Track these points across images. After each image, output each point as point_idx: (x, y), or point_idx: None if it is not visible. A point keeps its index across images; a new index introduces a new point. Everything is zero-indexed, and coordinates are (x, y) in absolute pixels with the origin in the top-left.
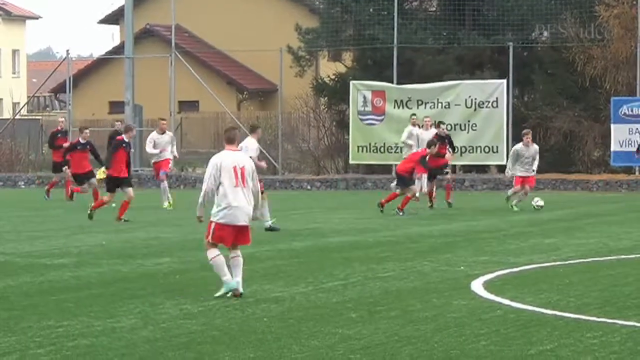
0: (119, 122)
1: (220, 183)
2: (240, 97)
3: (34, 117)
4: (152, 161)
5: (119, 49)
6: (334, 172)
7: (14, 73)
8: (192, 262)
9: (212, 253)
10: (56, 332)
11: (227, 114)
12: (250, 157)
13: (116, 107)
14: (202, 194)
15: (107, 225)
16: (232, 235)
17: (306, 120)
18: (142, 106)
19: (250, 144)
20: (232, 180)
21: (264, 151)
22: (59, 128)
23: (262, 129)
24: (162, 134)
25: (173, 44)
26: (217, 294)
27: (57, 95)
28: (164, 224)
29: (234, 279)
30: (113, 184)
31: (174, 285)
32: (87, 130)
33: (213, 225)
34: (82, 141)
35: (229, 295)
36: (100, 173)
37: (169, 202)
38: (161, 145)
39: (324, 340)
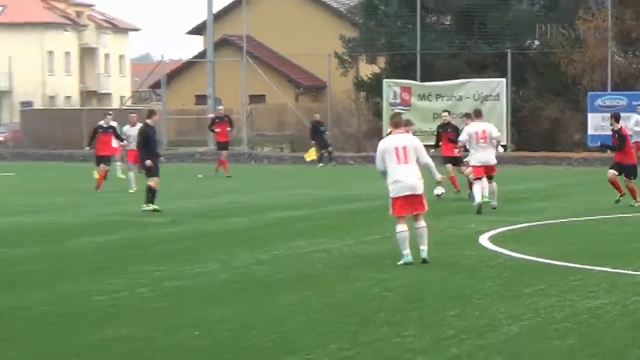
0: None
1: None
2: (297, 91)
3: (136, 107)
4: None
5: (202, 54)
6: (370, 150)
7: (120, 73)
8: (262, 221)
9: (399, 228)
10: (155, 275)
11: (287, 105)
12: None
13: (200, 99)
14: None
15: (197, 194)
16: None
17: (349, 110)
18: (220, 99)
19: None
20: (395, 158)
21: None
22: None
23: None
24: (133, 126)
25: (244, 50)
26: (399, 263)
27: (154, 90)
28: (237, 192)
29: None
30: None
31: (249, 239)
32: (110, 115)
33: (390, 200)
34: (104, 125)
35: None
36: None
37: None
38: (132, 137)
39: (365, 282)
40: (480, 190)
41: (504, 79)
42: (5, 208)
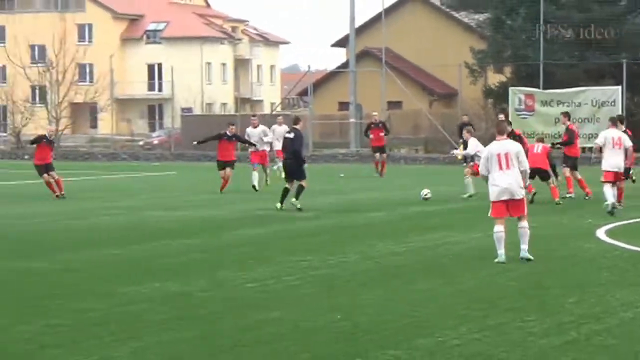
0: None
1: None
2: (431, 98)
3: (285, 113)
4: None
5: (345, 65)
6: None
7: (271, 82)
8: (398, 215)
9: (496, 228)
10: (301, 265)
11: (422, 111)
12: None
13: (343, 106)
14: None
15: (338, 191)
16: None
17: (478, 115)
18: (361, 105)
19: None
20: (497, 165)
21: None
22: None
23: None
24: (255, 128)
25: (383, 61)
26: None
27: (302, 97)
28: (375, 190)
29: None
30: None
31: (386, 232)
32: (233, 126)
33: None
34: (228, 134)
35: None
36: None
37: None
38: (255, 138)
39: (490, 271)
40: (612, 191)
41: (619, 87)
42: (170, 203)
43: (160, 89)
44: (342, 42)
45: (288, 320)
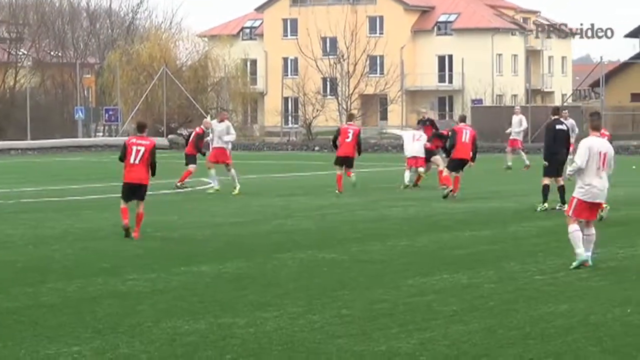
0: None
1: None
2: None
3: (576, 104)
4: None
5: (638, 56)
6: None
7: (562, 73)
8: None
9: (572, 228)
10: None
11: None
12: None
13: (635, 97)
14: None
15: (627, 184)
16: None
17: None
18: None
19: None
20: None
21: None
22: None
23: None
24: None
25: None
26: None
27: (593, 89)
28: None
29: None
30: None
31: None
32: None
33: (576, 200)
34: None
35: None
36: None
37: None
38: None
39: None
40: None
41: None
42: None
43: (450, 81)
44: (635, 33)
45: (577, 313)
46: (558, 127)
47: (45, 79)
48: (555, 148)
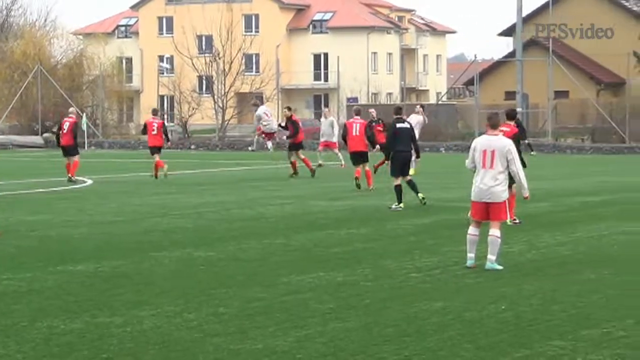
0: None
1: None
2: (598, 87)
3: (450, 102)
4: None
5: (511, 54)
6: None
7: (437, 72)
8: (563, 205)
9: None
10: (465, 255)
11: (589, 100)
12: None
13: (509, 95)
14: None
15: None
16: None
17: None
18: (527, 94)
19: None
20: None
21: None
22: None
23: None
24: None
25: (550, 51)
26: None
27: (468, 87)
28: (541, 179)
29: None
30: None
31: (551, 222)
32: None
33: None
34: None
35: None
36: None
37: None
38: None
39: None
40: None
41: None
42: (333, 193)
43: (326, 79)
44: (508, 31)
45: (452, 310)
46: (399, 125)
47: None
48: (397, 146)
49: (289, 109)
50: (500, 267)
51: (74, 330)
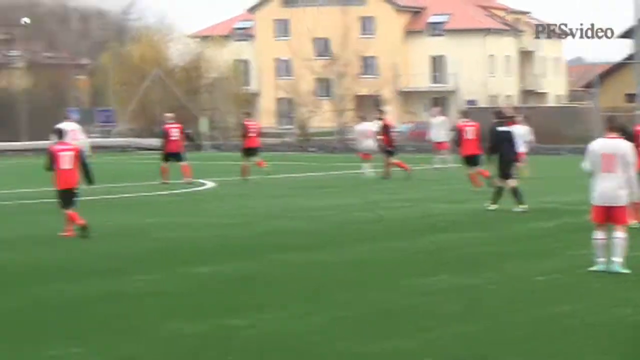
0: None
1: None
2: None
3: (571, 105)
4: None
5: (631, 56)
6: None
7: (555, 74)
8: None
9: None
10: (590, 258)
11: None
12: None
13: (630, 97)
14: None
15: None
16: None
17: None
18: None
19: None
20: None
21: None
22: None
23: None
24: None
25: None
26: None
27: (587, 90)
28: None
29: None
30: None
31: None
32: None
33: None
34: None
35: None
36: None
37: None
38: None
39: None
40: None
41: None
42: (454, 196)
43: (444, 82)
44: (628, 34)
45: (578, 314)
46: (500, 129)
47: (39, 81)
48: (500, 150)
49: (381, 112)
50: (627, 271)
51: (200, 332)
